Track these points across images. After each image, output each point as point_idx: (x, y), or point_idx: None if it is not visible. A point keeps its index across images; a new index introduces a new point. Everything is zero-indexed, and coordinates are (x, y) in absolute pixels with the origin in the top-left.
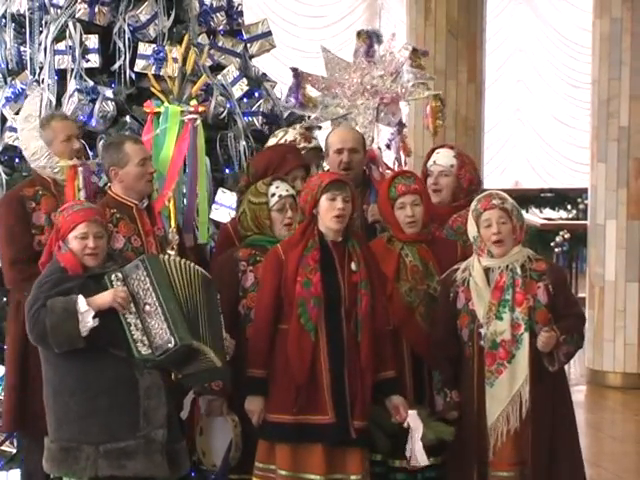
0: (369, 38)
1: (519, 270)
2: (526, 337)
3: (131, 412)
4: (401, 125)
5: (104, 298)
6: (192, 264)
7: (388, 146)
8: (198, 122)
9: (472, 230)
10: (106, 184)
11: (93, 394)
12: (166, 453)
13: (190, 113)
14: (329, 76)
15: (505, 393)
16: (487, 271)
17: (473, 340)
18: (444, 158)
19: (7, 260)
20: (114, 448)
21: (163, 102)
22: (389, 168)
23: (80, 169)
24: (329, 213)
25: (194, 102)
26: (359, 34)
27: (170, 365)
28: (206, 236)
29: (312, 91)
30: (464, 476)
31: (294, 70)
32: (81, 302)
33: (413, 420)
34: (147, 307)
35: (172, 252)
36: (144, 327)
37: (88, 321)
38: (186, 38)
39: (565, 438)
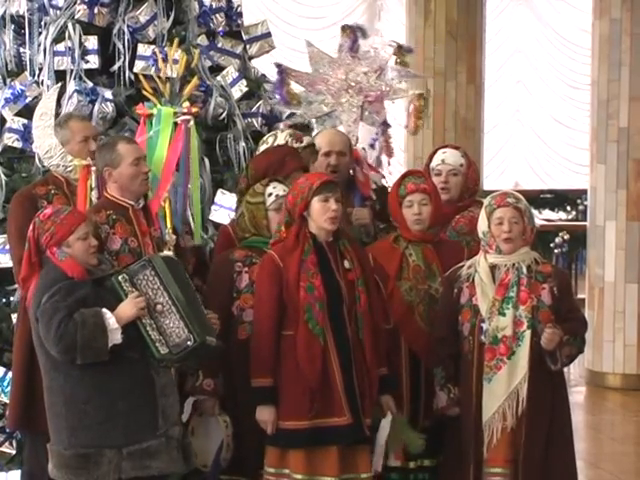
0: (353, 33)
1: (525, 269)
2: (527, 335)
3: (150, 412)
4: (385, 125)
5: (127, 312)
6: (169, 254)
7: (372, 145)
8: (191, 123)
9: (483, 225)
10: None
11: (111, 398)
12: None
13: (183, 114)
14: (313, 71)
15: (502, 389)
16: (493, 269)
17: (474, 335)
18: (453, 157)
19: (17, 258)
20: (137, 449)
21: (155, 104)
22: (373, 169)
23: (93, 169)
24: (323, 215)
25: (187, 104)
26: (344, 29)
27: (183, 361)
28: (199, 237)
29: (296, 87)
30: (462, 472)
31: (278, 66)
32: (111, 319)
33: (383, 427)
34: (159, 307)
35: (169, 253)
36: (157, 327)
37: (116, 338)
38: (176, 40)
39: (561, 439)
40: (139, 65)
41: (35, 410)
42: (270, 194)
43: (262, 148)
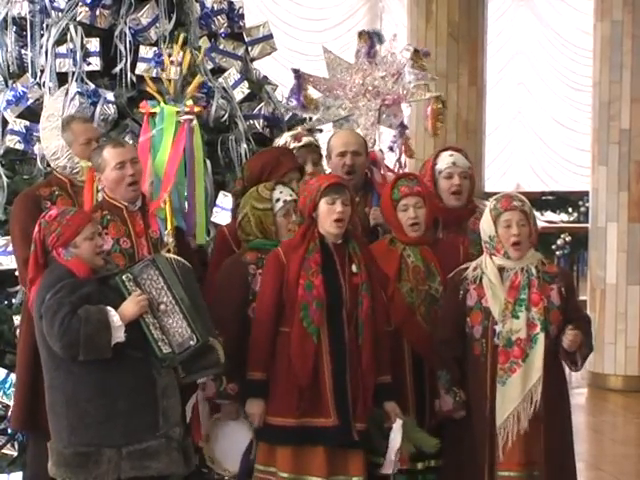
0: (370, 39)
1: (534, 271)
2: (541, 337)
3: (151, 412)
4: (403, 127)
5: (130, 310)
6: (179, 257)
7: (391, 148)
8: (194, 122)
9: (488, 229)
10: None
11: (112, 398)
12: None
13: (186, 113)
14: (331, 77)
15: (517, 392)
16: (501, 270)
17: (487, 337)
18: (462, 160)
19: (21, 259)
20: (137, 449)
21: (159, 103)
22: (390, 170)
23: None
24: (329, 217)
25: (190, 102)
26: (360, 35)
27: (185, 363)
28: (203, 237)
29: (314, 92)
30: (475, 476)
31: (296, 71)
32: (115, 317)
33: (395, 432)
34: (162, 306)
35: (167, 255)
36: (161, 326)
37: (119, 336)
38: (181, 38)
39: (567, 440)
40: (141, 67)
41: (39, 411)
42: (278, 199)
43: None
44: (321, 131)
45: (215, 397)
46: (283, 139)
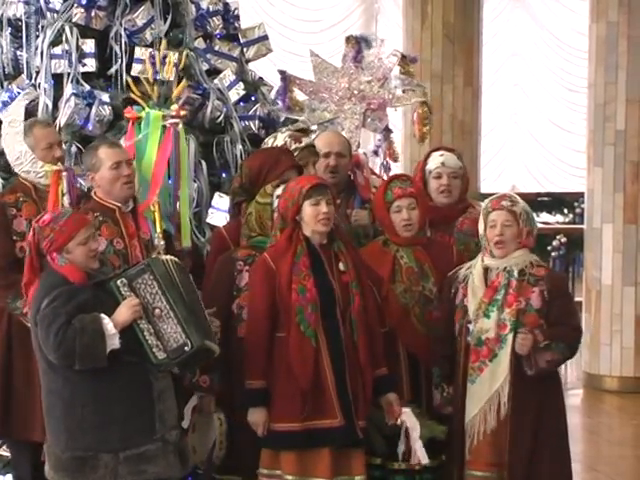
0: (358, 44)
1: (516, 273)
2: (510, 338)
3: (147, 416)
4: (388, 131)
5: (123, 316)
6: (174, 258)
7: (376, 152)
8: (180, 126)
9: (480, 228)
10: (90, 189)
11: (109, 403)
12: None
13: (172, 117)
14: (317, 80)
15: (484, 391)
16: (487, 271)
17: (462, 335)
18: (452, 160)
19: None
20: (134, 454)
21: (144, 107)
22: (374, 173)
23: (64, 174)
24: (315, 218)
25: (174, 106)
26: (348, 40)
27: (180, 366)
28: (188, 240)
29: (299, 95)
30: (447, 473)
31: (282, 73)
32: (109, 325)
33: (409, 418)
34: (157, 311)
35: (164, 257)
36: (155, 331)
37: (114, 343)
38: (163, 42)
39: (550, 443)
40: (136, 68)
41: (15, 418)
42: (278, 196)
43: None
44: (312, 131)
45: (189, 388)
46: (280, 139)
